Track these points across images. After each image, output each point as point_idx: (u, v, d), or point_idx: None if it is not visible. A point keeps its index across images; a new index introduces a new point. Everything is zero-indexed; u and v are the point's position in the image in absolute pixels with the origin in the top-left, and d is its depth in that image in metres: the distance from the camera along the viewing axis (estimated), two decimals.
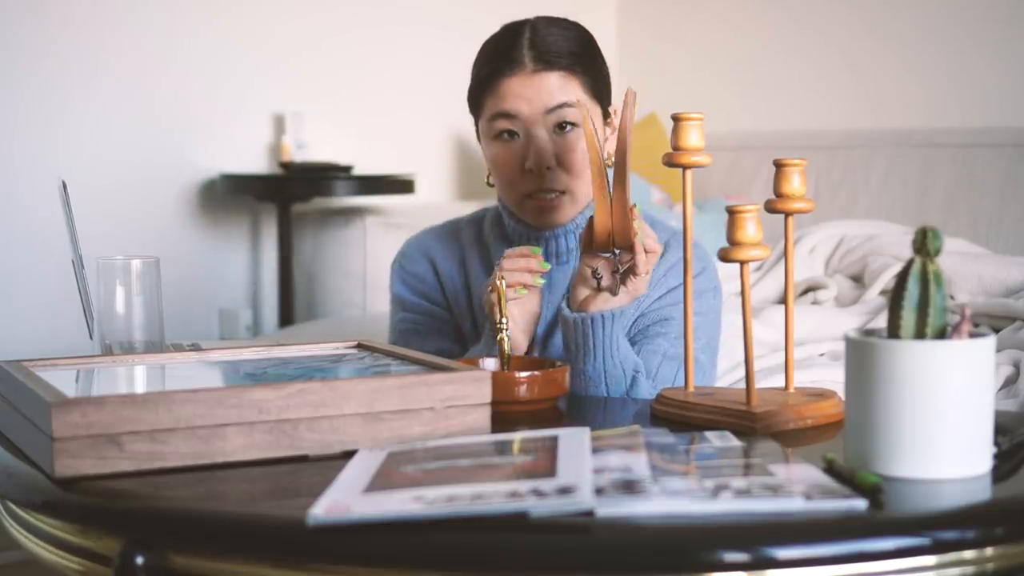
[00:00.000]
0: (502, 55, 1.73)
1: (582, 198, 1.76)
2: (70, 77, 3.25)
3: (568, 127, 1.72)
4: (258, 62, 3.61)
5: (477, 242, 1.86)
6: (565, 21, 1.77)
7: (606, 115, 1.78)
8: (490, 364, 1.61)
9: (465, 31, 3.91)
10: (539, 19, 1.76)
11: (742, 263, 1.41)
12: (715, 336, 1.79)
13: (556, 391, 1.54)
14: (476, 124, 1.80)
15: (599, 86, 1.76)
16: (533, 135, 1.71)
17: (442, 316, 1.86)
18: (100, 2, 3.30)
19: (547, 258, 1.78)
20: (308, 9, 3.70)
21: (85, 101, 3.28)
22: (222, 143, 3.56)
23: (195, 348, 1.61)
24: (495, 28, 1.79)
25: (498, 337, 1.60)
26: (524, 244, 1.78)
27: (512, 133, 1.73)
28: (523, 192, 1.75)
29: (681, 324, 1.70)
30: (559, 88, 1.71)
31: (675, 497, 1.05)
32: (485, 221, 1.88)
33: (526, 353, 1.71)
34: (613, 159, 1.62)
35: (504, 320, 1.60)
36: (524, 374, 1.52)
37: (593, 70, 1.75)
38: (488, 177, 1.80)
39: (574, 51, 1.73)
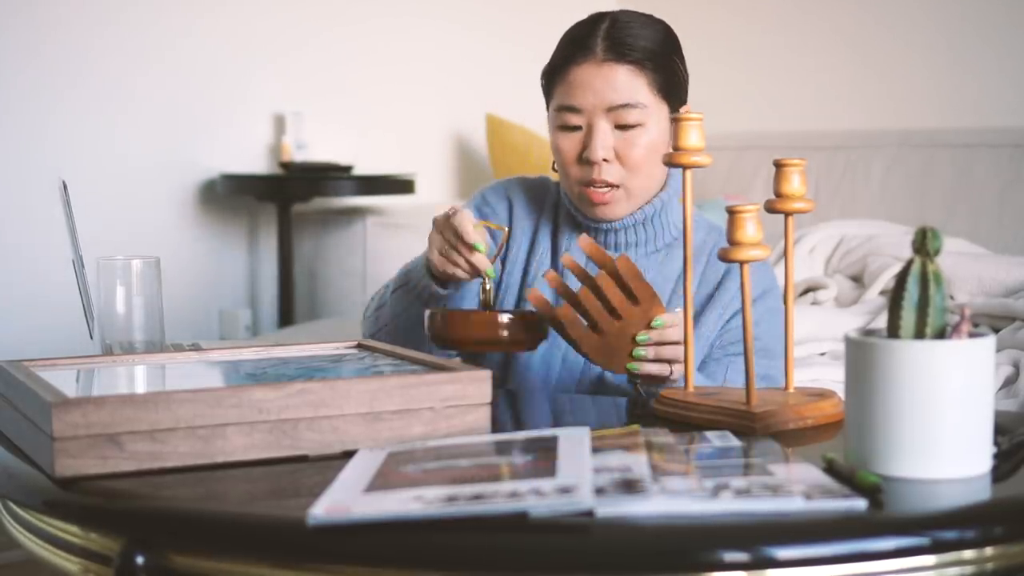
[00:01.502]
0: (577, 42, 1.75)
1: (639, 194, 1.77)
2: (68, 76, 3.25)
3: (628, 127, 1.73)
4: (258, 62, 3.61)
5: (554, 208, 1.89)
6: (648, 17, 1.78)
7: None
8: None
9: (466, 31, 3.92)
10: (622, 12, 1.78)
11: (742, 263, 1.41)
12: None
13: (537, 337, 1.58)
14: (547, 106, 1.82)
15: (670, 86, 1.77)
16: (594, 127, 1.73)
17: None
18: (99, 0, 3.30)
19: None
20: (309, 9, 3.70)
21: (83, 101, 3.28)
22: (222, 143, 3.56)
23: (195, 348, 1.61)
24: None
25: (487, 287, 1.62)
26: (583, 231, 1.81)
27: (575, 126, 1.75)
28: (578, 181, 1.77)
29: (762, 342, 1.71)
30: (625, 84, 1.72)
31: (675, 497, 1.05)
32: (563, 191, 1.90)
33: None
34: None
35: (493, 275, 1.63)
36: (506, 318, 1.56)
37: (665, 68, 1.75)
38: (554, 164, 1.82)
39: (648, 47, 1.74)
